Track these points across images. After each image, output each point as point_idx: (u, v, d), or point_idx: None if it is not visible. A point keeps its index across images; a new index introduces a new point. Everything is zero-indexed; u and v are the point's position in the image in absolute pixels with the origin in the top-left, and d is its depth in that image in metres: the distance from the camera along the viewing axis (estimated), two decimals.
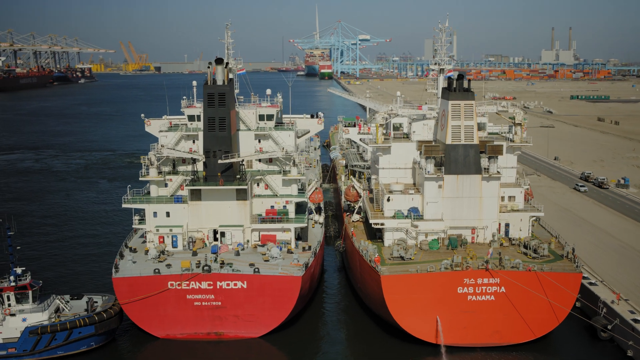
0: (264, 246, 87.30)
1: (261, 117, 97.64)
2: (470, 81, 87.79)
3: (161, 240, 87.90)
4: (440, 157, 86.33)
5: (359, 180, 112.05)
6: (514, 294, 74.93)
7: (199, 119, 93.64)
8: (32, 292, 74.06)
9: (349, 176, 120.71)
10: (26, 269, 76.14)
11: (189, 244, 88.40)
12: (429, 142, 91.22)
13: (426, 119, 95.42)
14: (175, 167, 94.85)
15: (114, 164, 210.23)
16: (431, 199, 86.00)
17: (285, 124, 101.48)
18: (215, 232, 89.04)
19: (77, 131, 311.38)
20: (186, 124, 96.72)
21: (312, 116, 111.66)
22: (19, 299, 73.78)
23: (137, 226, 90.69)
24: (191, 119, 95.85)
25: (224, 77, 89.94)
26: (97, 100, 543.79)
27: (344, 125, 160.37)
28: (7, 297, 73.48)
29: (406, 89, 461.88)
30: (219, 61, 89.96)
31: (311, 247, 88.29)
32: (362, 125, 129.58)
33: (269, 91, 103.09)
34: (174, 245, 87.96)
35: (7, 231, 74.93)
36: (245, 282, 77.09)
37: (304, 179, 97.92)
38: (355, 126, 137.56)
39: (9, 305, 73.47)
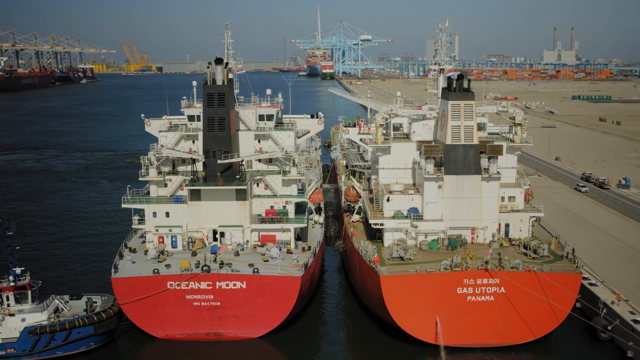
0: (264, 246, 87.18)
1: (261, 117, 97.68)
2: (470, 81, 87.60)
3: (161, 240, 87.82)
4: (440, 157, 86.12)
5: (359, 180, 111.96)
6: (513, 294, 74.75)
7: (199, 119, 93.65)
8: (31, 292, 74.08)
9: (349, 176, 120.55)
10: (25, 269, 76.19)
11: (188, 244, 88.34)
12: (428, 143, 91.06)
13: (426, 119, 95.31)
14: (175, 167, 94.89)
15: (115, 164, 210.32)
16: (431, 199, 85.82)
17: (285, 124, 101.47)
18: (214, 232, 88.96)
19: (79, 131, 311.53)
20: (186, 124, 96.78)
21: (312, 116, 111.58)
22: (18, 299, 73.80)
23: (136, 226, 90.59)
24: (191, 119, 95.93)
25: (223, 77, 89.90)
26: (98, 100, 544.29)
27: (344, 125, 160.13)
28: (7, 297, 73.51)
29: (408, 89, 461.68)
30: (219, 61, 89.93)
31: (311, 247, 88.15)
32: (362, 125, 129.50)
33: (269, 91, 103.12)
34: (174, 245, 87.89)
35: (6, 231, 74.94)
36: (244, 282, 77.03)
37: (303, 179, 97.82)
38: (355, 126, 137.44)
39: (8, 305, 73.49)
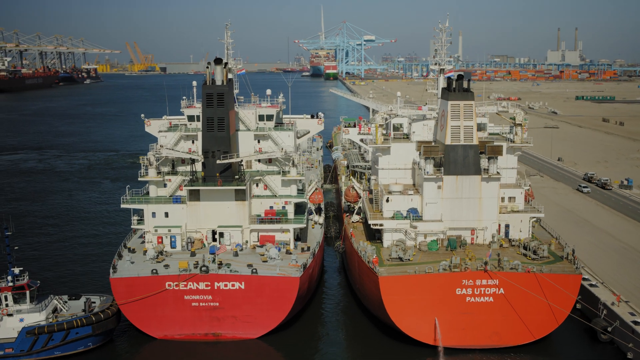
0: (263, 247, 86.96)
1: (261, 118, 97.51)
2: (470, 81, 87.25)
3: (160, 240, 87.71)
4: (439, 157, 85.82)
5: (359, 181, 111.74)
6: (512, 295, 74.41)
7: (199, 119, 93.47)
8: (29, 292, 74.04)
9: (350, 177, 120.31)
10: (24, 269, 76.24)
11: (187, 244, 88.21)
12: (428, 143, 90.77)
13: (426, 120, 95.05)
14: (174, 168, 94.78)
15: (117, 164, 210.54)
16: (430, 199, 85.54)
17: (285, 124, 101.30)
18: (213, 232, 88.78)
19: (81, 131, 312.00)
20: (186, 124, 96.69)
21: (312, 116, 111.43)
22: (17, 299, 73.77)
23: (135, 226, 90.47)
24: (191, 119, 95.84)
25: (223, 77, 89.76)
26: (102, 100, 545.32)
27: (344, 125, 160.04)
28: (5, 297, 73.52)
29: (411, 89, 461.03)
30: (218, 61, 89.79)
31: (310, 247, 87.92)
32: (363, 125, 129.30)
33: (269, 91, 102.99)
34: (173, 245, 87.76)
35: (4, 231, 74.97)
36: (243, 282, 76.88)
37: (303, 180, 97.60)
38: (355, 126, 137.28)
39: (7, 305, 73.48)
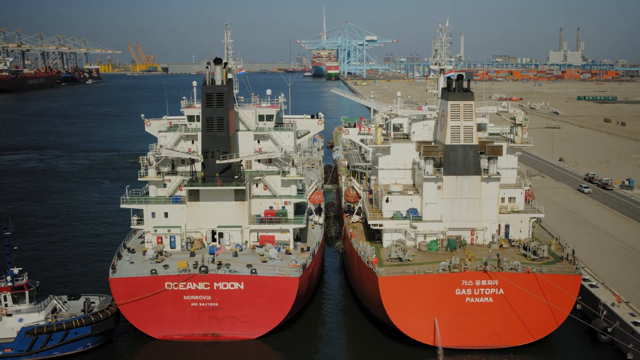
0: (262, 247, 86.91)
1: (261, 118, 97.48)
2: (469, 81, 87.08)
3: (159, 240, 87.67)
4: (439, 157, 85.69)
5: (360, 181, 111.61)
6: (512, 296, 74.22)
7: (199, 119, 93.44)
8: (28, 292, 74.00)
9: (350, 177, 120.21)
10: (23, 269, 76.15)
11: (187, 244, 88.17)
12: (428, 143, 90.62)
13: (426, 120, 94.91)
14: (174, 168, 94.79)
15: (118, 164, 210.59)
16: (430, 200, 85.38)
17: (285, 124, 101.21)
18: (213, 232, 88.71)
19: (83, 131, 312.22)
20: (185, 124, 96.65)
21: (312, 116, 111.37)
22: (16, 299, 73.72)
23: (135, 227, 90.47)
24: (191, 119, 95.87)
25: (222, 78, 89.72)
26: (103, 100, 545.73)
27: (345, 125, 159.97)
28: (4, 297, 73.48)
29: (412, 89, 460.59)
30: (218, 61, 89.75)
31: (310, 248, 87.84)
32: (363, 125, 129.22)
33: (269, 91, 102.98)
34: (172, 245, 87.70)
35: (4, 231, 74.98)
36: (242, 282, 76.80)
37: (303, 180, 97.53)
38: (355, 127, 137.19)
39: (6, 305, 73.44)
